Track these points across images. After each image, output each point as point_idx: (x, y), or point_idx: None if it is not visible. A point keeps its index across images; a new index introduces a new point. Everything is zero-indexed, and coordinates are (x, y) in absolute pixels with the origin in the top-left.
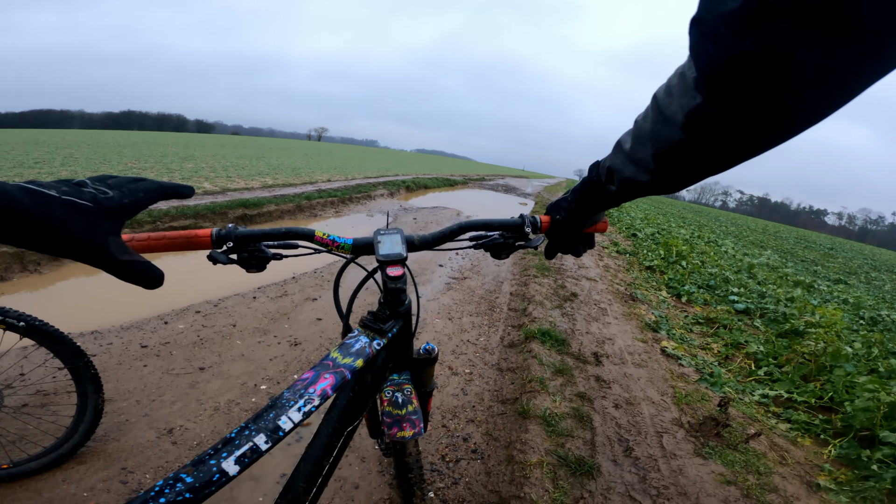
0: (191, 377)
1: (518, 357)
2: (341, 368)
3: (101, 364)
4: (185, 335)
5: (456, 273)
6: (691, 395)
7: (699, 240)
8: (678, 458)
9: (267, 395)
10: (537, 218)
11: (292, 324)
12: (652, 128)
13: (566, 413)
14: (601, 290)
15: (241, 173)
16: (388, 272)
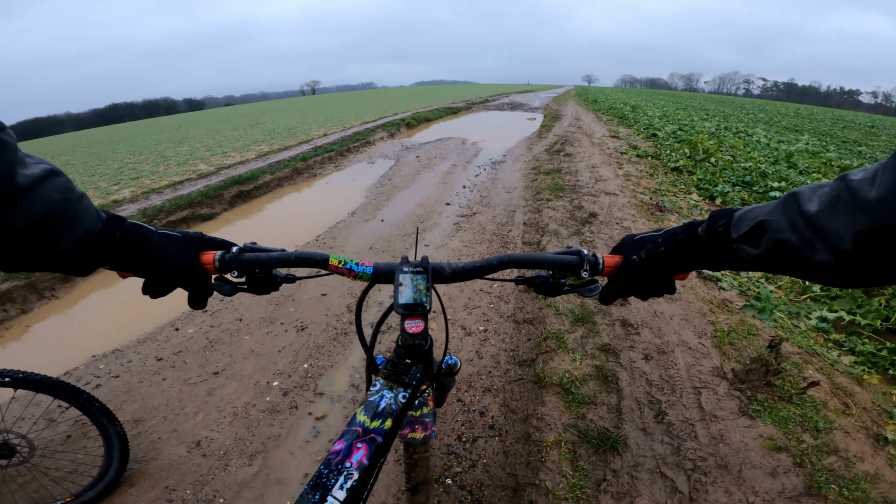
0: (207, 384)
1: (533, 305)
2: (371, 434)
3: (125, 385)
4: (196, 340)
5: (464, 209)
6: (735, 330)
7: (726, 132)
8: (719, 421)
9: (279, 391)
10: (599, 258)
11: (297, 306)
12: (881, 194)
13: (588, 374)
14: (623, 205)
15: (235, 146)
16: (407, 328)
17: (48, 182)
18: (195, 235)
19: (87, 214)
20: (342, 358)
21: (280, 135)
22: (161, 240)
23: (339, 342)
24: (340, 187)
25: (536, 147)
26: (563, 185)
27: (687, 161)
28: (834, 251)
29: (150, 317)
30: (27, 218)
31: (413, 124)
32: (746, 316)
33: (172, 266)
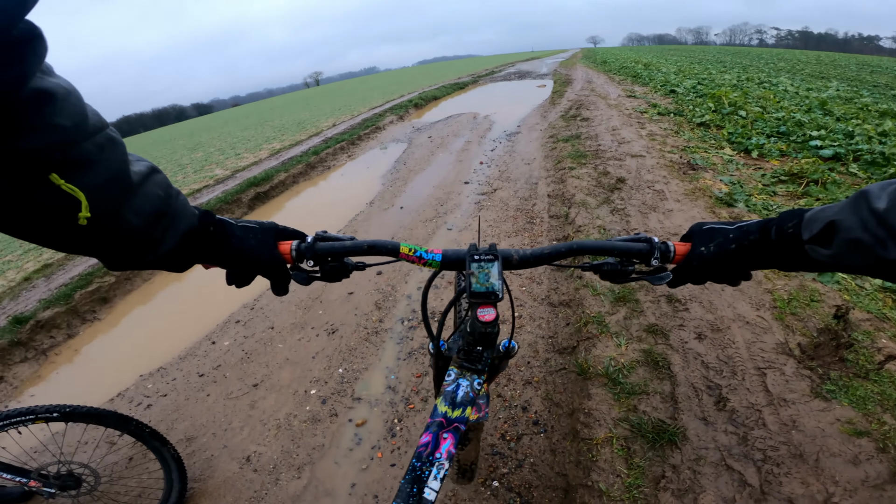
0: (248, 397)
1: (569, 286)
2: (455, 424)
3: (173, 403)
4: (232, 352)
5: (484, 186)
6: (796, 297)
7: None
8: (789, 405)
9: (318, 399)
10: (670, 246)
11: (325, 308)
12: None
13: (636, 360)
14: (652, 167)
15: (247, 146)
16: (480, 316)
17: (152, 178)
18: (271, 226)
19: (187, 210)
20: (375, 359)
21: (290, 130)
22: (243, 233)
23: (370, 342)
24: (356, 177)
25: (551, 114)
26: (584, 151)
27: (713, 115)
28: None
29: (187, 332)
30: (139, 214)
31: (421, 104)
32: (806, 280)
33: (256, 258)
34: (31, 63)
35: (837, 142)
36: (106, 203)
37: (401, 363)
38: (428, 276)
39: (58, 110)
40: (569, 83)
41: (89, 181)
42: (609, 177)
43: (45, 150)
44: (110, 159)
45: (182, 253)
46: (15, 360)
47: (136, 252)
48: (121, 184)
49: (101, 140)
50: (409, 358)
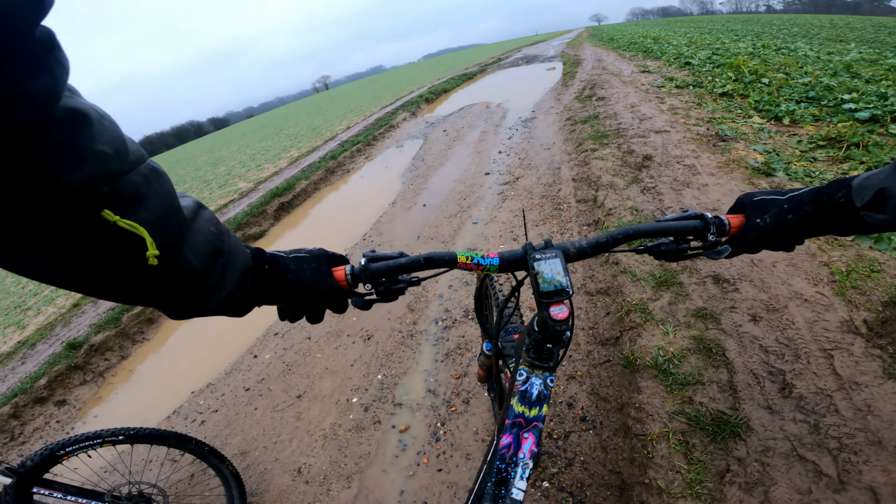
0: (293, 409)
1: (605, 272)
2: (534, 423)
3: (225, 419)
4: (274, 365)
5: (506, 176)
6: (855, 269)
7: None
8: (862, 389)
9: (360, 407)
10: (724, 220)
11: (359, 314)
12: None
13: (686, 348)
14: (678, 142)
15: (267, 156)
16: (553, 314)
17: (201, 214)
18: (321, 252)
19: (240, 248)
20: (413, 363)
21: (306, 136)
22: (297, 265)
23: (406, 346)
24: (376, 178)
25: (565, 96)
26: (604, 131)
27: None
28: None
29: (229, 347)
30: (197, 255)
31: (432, 98)
32: (863, 249)
33: (315, 290)
34: (59, 74)
35: (872, 104)
36: (165, 241)
37: (438, 365)
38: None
39: (96, 134)
40: (578, 63)
41: (144, 217)
42: (634, 155)
43: (92, 183)
44: (159, 192)
45: (241, 295)
46: (75, 383)
47: (200, 297)
48: (175, 219)
49: (145, 171)
50: (447, 359)
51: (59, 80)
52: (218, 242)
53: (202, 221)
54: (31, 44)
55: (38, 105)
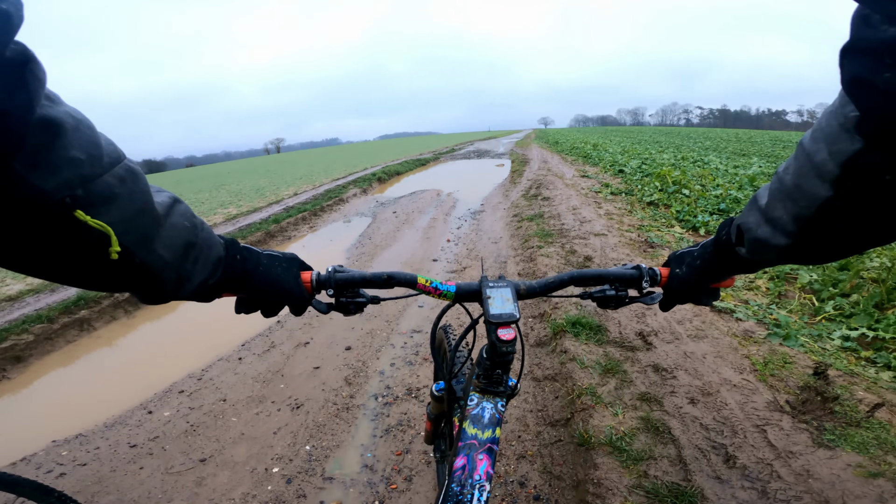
0: (194, 473)
1: (553, 360)
2: (488, 444)
3: (94, 474)
4: (174, 424)
5: (454, 264)
6: (771, 361)
7: (685, 161)
8: (797, 457)
9: (282, 478)
10: (657, 270)
11: (288, 382)
12: (795, 181)
13: (635, 427)
14: (615, 245)
15: (200, 209)
16: (500, 335)
17: (176, 209)
18: (293, 256)
19: (214, 240)
20: (348, 436)
21: (248, 196)
22: (268, 261)
23: (341, 419)
24: (319, 249)
25: (513, 193)
26: (549, 230)
27: (660, 194)
28: (786, 235)
29: (115, 399)
30: (170, 247)
31: (384, 178)
32: (774, 344)
33: (281, 286)
34: (34, 87)
35: None
36: (136, 237)
37: (378, 440)
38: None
39: (70, 142)
40: (526, 163)
41: (116, 216)
42: (576, 255)
43: (66, 187)
44: (133, 191)
45: (213, 283)
46: None
47: (170, 286)
48: (148, 216)
49: (121, 172)
50: (387, 435)
51: (34, 94)
52: (191, 236)
53: (177, 216)
54: (4, 64)
55: (14, 120)
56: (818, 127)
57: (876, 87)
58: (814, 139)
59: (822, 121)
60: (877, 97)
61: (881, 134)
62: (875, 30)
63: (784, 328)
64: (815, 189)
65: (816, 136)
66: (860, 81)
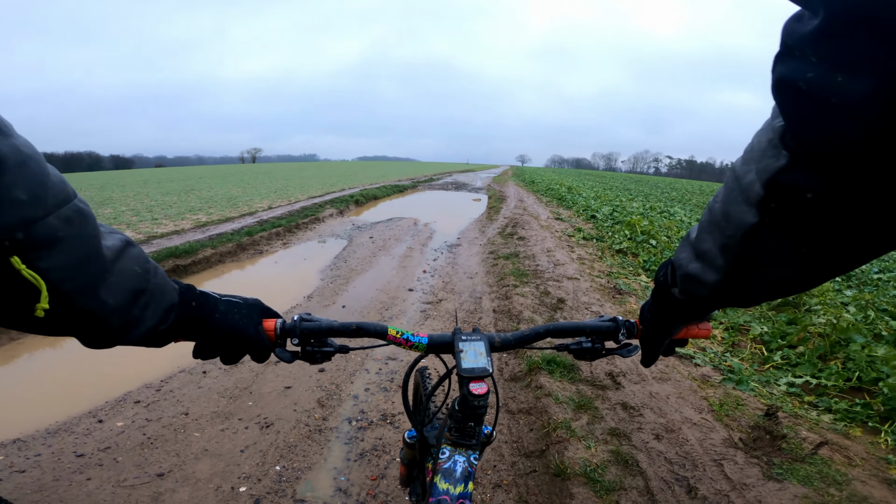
0: (150, 487)
1: (527, 394)
2: (459, 500)
3: (34, 482)
4: (128, 435)
5: (429, 296)
6: (726, 403)
7: (652, 211)
8: (750, 489)
9: (249, 498)
10: (633, 322)
11: (257, 400)
12: (723, 208)
13: (606, 460)
14: (586, 290)
15: (168, 213)
16: (472, 389)
17: (127, 253)
18: (255, 302)
19: (167, 286)
20: (320, 458)
21: (219, 204)
22: (227, 308)
23: (313, 440)
24: (291, 267)
25: (489, 230)
26: (524, 270)
27: (629, 243)
28: (715, 269)
29: (59, 405)
30: (115, 293)
31: (362, 202)
32: (728, 388)
33: (239, 335)
34: None
35: None
36: (78, 283)
37: (351, 464)
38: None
39: (14, 180)
40: (503, 200)
41: (56, 262)
42: (550, 297)
43: (4, 230)
44: (79, 235)
45: (164, 329)
46: None
47: (115, 332)
48: (94, 262)
49: (68, 213)
50: (361, 459)
51: None
52: (142, 282)
53: (127, 260)
54: None
55: None
56: (749, 146)
57: (798, 89)
58: (744, 160)
59: (754, 139)
60: (799, 100)
61: (802, 144)
62: (801, 25)
63: (737, 374)
64: (740, 214)
65: (747, 156)
66: (784, 84)
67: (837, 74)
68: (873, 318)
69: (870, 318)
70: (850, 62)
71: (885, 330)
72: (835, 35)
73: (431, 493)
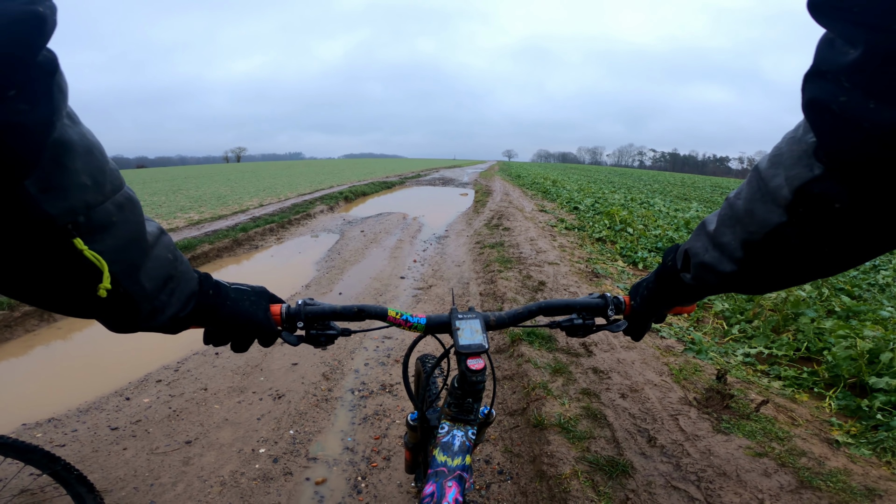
0: (180, 453)
1: (511, 363)
2: (457, 472)
3: (75, 454)
4: (155, 409)
5: (420, 282)
6: (685, 368)
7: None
8: (702, 439)
9: (268, 458)
10: (621, 299)
11: (268, 375)
12: (746, 206)
13: (579, 414)
14: (566, 273)
15: (159, 212)
16: (470, 365)
17: (161, 240)
18: (261, 289)
19: (190, 274)
20: (328, 423)
21: (209, 203)
22: (237, 295)
23: (321, 408)
24: (287, 260)
25: (476, 222)
26: (508, 257)
27: (608, 231)
28: (733, 261)
29: (86, 386)
30: (151, 278)
31: (351, 198)
32: (689, 357)
33: (249, 320)
34: (58, 101)
35: None
36: (124, 267)
37: (356, 427)
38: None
39: (81, 167)
40: (489, 194)
41: (110, 245)
42: (532, 280)
43: (70, 213)
44: (129, 220)
45: (183, 316)
46: None
47: (143, 316)
48: (138, 246)
49: (120, 199)
50: (365, 422)
51: (56, 108)
52: (172, 268)
53: (161, 247)
54: (34, 69)
55: (33, 136)
56: (777, 152)
57: (831, 111)
58: (771, 164)
59: (783, 146)
60: (832, 121)
61: (836, 161)
62: (836, 52)
63: (697, 345)
64: (766, 214)
65: (774, 160)
66: (817, 105)
67: (870, 101)
68: (828, 296)
69: (824, 296)
70: (882, 91)
71: (838, 306)
72: (871, 68)
73: (430, 465)
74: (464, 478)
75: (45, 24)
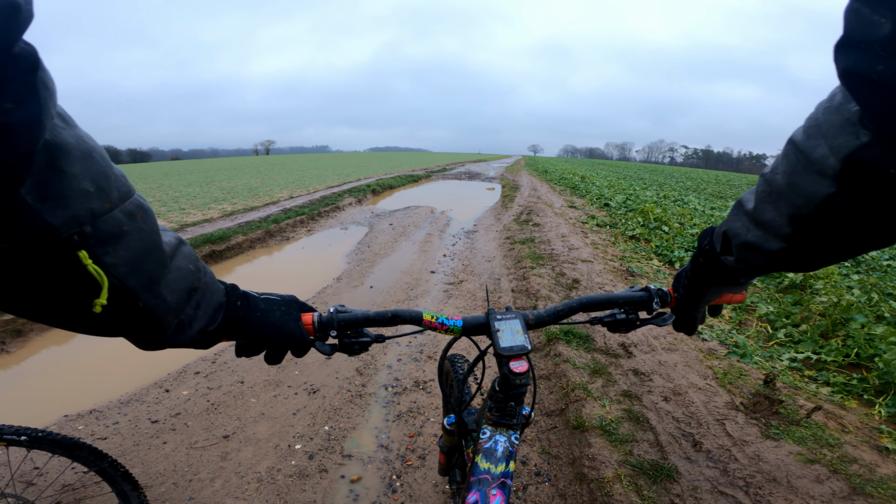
0: (218, 448)
1: (547, 362)
2: (501, 479)
3: (117, 447)
4: (194, 402)
5: (450, 277)
6: (729, 372)
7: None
8: (750, 444)
9: (304, 454)
10: (666, 290)
11: (302, 369)
12: (788, 180)
13: (620, 417)
14: (600, 272)
15: (193, 203)
16: (513, 368)
17: (181, 251)
18: (292, 298)
19: (215, 285)
20: (362, 420)
21: (241, 195)
22: (267, 305)
23: (356, 404)
24: (318, 252)
25: (504, 217)
26: (540, 253)
27: (642, 229)
28: (780, 238)
29: (127, 377)
30: (173, 291)
31: (378, 191)
32: (733, 360)
33: (281, 332)
34: (44, 98)
35: None
36: (141, 279)
37: (390, 424)
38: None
39: (80, 172)
40: (517, 188)
41: (123, 257)
42: (566, 277)
43: (75, 223)
44: (142, 230)
45: (213, 329)
46: None
47: (170, 331)
48: (155, 258)
49: (130, 207)
50: (399, 420)
51: (43, 107)
52: (194, 280)
53: (181, 258)
54: (12, 63)
55: (22, 137)
56: (813, 123)
57: (871, 80)
58: (808, 135)
59: (820, 116)
60: (872, 89)
61: (883, 127)
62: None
63: (742, 348)
64: (813, 186)
65: (811, 131)
66: (854, 74)
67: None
68: (877, 301)
69: (873, 301)
70: None
71: (887, 311)
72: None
73: (472, 472)
74: (508, 485)
75: (19, 13)
